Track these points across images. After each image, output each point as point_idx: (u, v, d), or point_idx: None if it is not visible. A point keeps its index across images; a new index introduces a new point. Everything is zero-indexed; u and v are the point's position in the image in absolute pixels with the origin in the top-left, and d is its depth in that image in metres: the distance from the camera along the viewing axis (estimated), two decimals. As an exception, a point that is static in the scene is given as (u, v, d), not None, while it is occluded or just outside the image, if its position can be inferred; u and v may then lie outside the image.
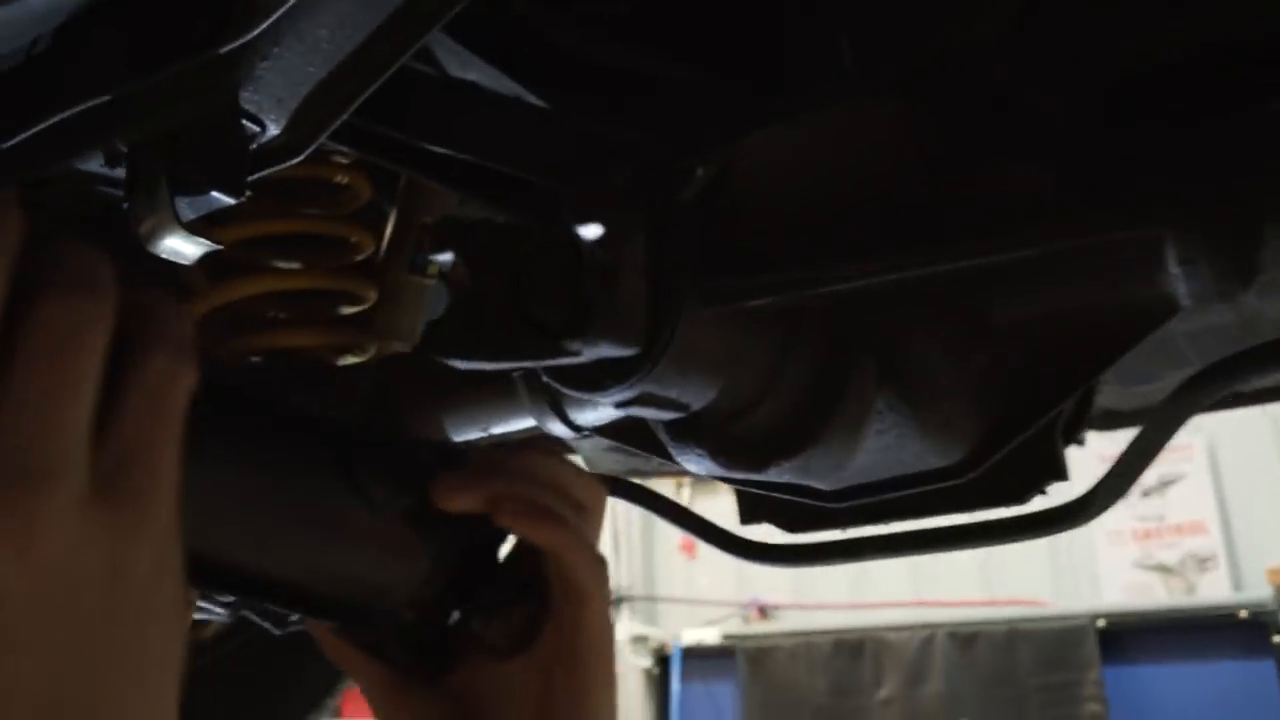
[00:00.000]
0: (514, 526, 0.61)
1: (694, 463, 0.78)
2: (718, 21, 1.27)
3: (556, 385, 0.67)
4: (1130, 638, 5.70)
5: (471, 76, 1.53)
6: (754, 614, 7.19)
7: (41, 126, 1.00)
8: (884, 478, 0.91)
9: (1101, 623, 5.69)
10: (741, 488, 1.02)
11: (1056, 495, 0.94)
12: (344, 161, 1.37)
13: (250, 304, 1.41)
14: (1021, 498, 0.92)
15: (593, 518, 0.68)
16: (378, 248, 1.55)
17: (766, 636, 6.74)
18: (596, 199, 0.60)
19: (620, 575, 7.77)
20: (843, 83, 1.04)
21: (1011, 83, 0.90)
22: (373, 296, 1.45)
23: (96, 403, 0.41)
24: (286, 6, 0.87)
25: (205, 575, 0.47)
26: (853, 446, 0.84)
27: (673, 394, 0.69)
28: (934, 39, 0.96)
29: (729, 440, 0.77)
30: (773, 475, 0.83)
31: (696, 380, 0.70)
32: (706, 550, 1.18)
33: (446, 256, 0.64)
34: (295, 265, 1.44)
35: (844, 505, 0.94)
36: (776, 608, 7.15)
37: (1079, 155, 0.84)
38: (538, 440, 0.63)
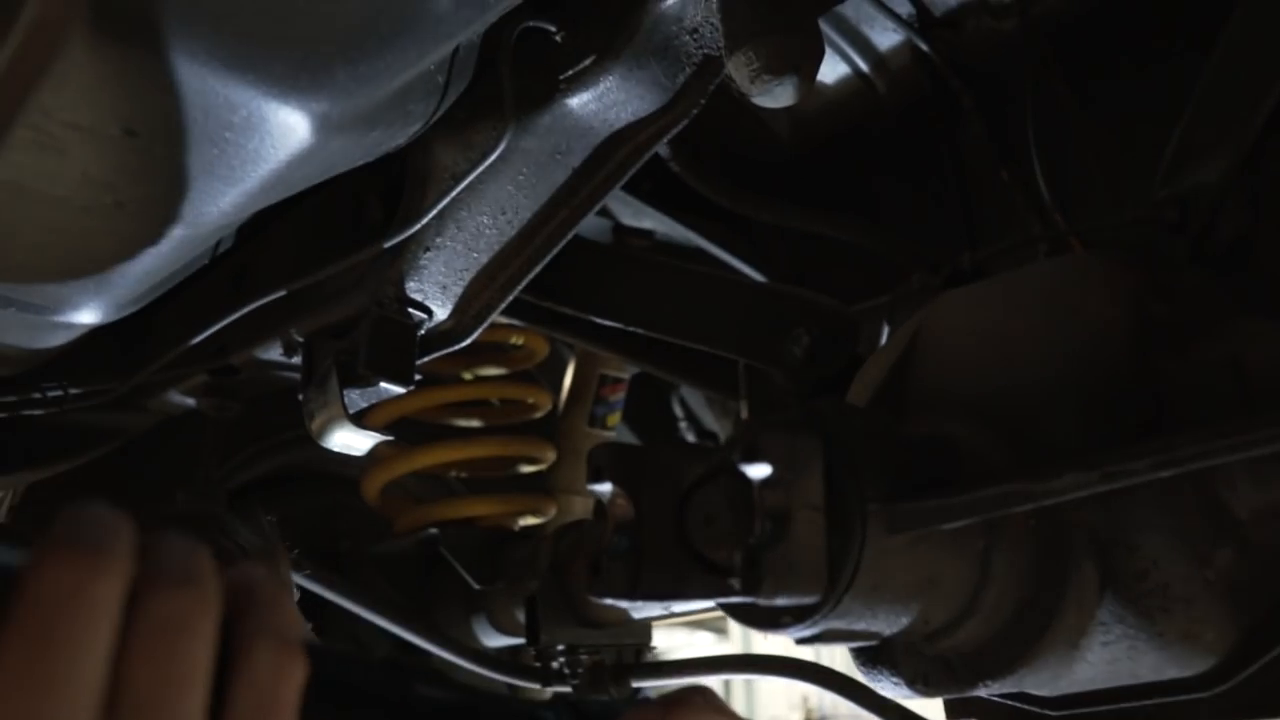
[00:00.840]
0: None
1: (889, 689, 0.70)
2: (897, 170, 1.20)
3: (733, 618, 0.60)
4: None
5: (646, 225, 1.51)
6: (969, 738, 6.73)
7: (226, 321, 1.04)
8: (1114, 686, 0.79)
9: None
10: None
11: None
12: (518, 324, 1.36)
13: (432, 469, 1.41)
14: (1287, 710, 0.78)
15: None
16: (556, 401, 1.53)
17: (984, 765, 6.29)
18: (764, 434, 0.53)
19: (824, 693, 7.45)
20: (1043, 235, 0.96)
21: (1248, 229, 0.79)
22: (551, 457, 1.43)
23: (208, 695, 0.37)
24: (447, 200, 0.87)
25: None
26: (1073, 659, 0.73)
27: (860, 627, 0.61)
28: (1150, 179, 0.86)
29: (927, 663, 0.68)
30: (981, 693, 0.73)
31: (886, 610, 0.62)
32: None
33: (606, 487, 0.59)
34: (475, 423, 1.44)
35: (1064, 713, 0.83)
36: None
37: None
38: (693, 692, 0.56)
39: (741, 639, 5.64)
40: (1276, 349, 0.74)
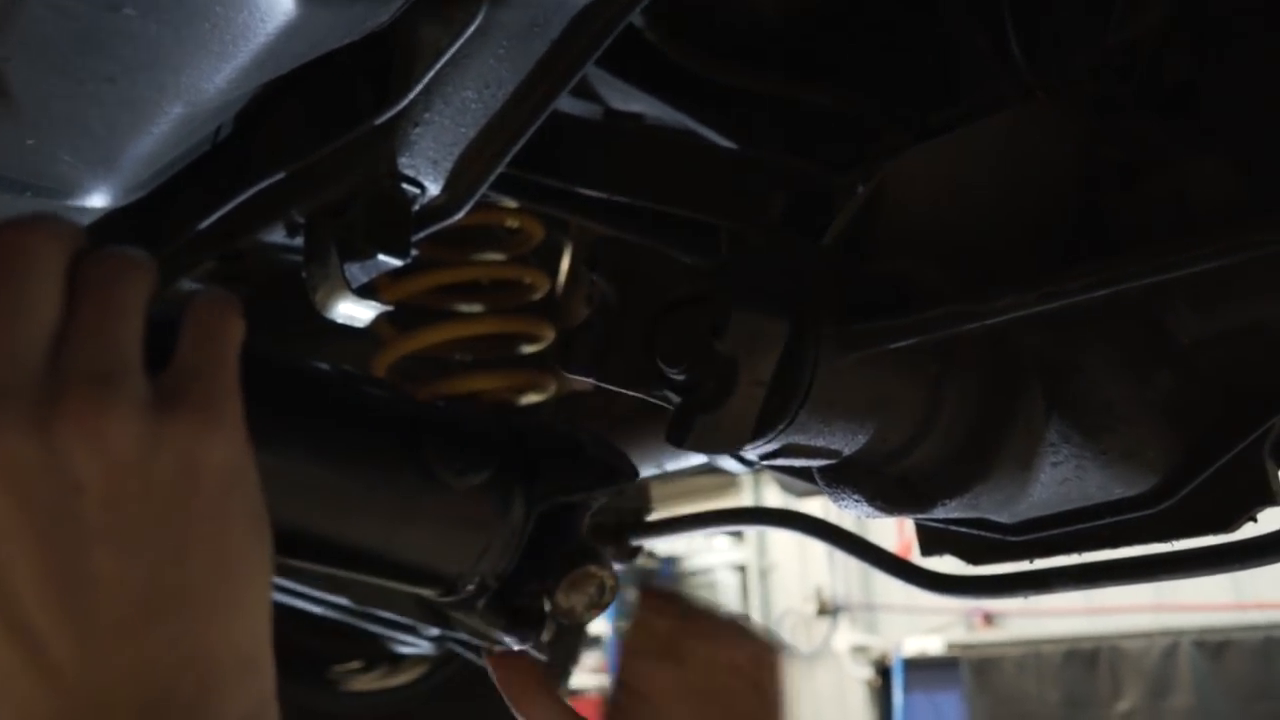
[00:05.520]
0: None
1: (850, 506, 0.76)
2: (878, 42, 1.23)
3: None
4: None
5: (635, 108, 1.54)
6: (979, 621, 6.91)
7: (230, 206, 1.08)
8: (1066, 509, 0.85)
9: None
10: (919, 520, 0.98)
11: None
12: (513, 207, 1.40)
13: (434, 348, 1.47)
14: (1228, 525, 0.84)
15: None
16: (554, 284, 1.58)
17: (992, 645, 6.47)
18: (735, 313, 0.56)
19: (837, 583, 7.63)
20: (1009, 90, 0.99)
21: (1192, 75, 0.82)
22: (550, 335, 1.48)
23: (143, 327, 0.44)
24: (432, 74, 0.91)
25: (290, 542, 0.51)
26: (1026, 480, 0.78)
27: (819, 442, 0.67)
28: (1101, 34, 0.89)
29: (886, 482, 0.74)
30: (940, 514, 0.79)
31: (843, 428, 0.67)
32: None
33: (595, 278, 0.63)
34: (476, 308, 1.49)
35: (1025, 538, 0.89)
36: (1003, 614, 6.85)
37: (1271, 149, 0.77)
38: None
39: (752, 495, 5.77)
40: (1218, 184, 0.78)
